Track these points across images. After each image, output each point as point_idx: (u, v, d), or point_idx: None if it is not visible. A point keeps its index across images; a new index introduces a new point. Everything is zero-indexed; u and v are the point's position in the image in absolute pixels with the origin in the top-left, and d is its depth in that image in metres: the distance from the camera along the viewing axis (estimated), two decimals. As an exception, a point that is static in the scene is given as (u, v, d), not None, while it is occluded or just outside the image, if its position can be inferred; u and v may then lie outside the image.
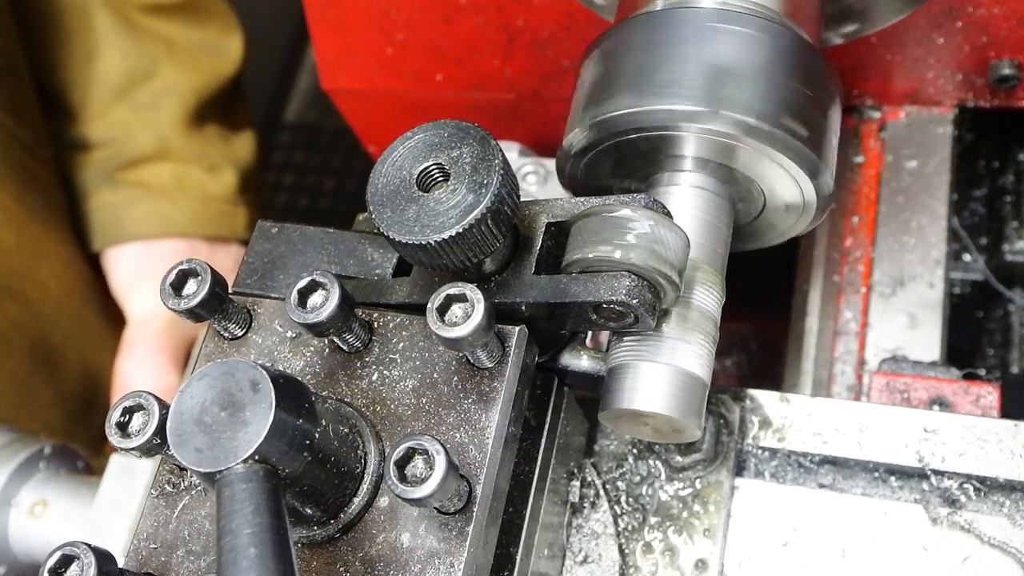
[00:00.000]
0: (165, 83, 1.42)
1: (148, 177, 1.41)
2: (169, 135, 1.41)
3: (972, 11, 0.94)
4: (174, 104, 1.42)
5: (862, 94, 1.07)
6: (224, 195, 1.45)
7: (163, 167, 1.41)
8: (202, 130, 1.46)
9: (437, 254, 0.61)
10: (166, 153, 1.41)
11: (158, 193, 1.40)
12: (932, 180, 1.03)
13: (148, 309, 1.36)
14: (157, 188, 1.40)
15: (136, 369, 1.30)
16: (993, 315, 1.14)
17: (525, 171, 1.08)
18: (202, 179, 1.44)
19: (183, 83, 1.43)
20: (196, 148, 1.44)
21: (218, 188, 1.45)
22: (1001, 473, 0.74)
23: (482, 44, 1.11)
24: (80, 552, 0.57)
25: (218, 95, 1.48)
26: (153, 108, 1.41)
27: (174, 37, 1.44)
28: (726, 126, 0.70)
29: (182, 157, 1.42)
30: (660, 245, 0.64)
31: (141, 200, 1.40)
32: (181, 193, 1.41)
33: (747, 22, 0.72)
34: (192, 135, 1.44)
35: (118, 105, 1.41)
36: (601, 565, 0.77)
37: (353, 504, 0.62)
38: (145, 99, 1.41)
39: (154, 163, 1.41)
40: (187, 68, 1.44)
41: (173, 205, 1.40)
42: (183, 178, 1.42)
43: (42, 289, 1.33)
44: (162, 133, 1.41)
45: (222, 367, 0.55)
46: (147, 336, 1.33)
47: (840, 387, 0.96)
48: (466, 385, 0.64)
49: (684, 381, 0.69)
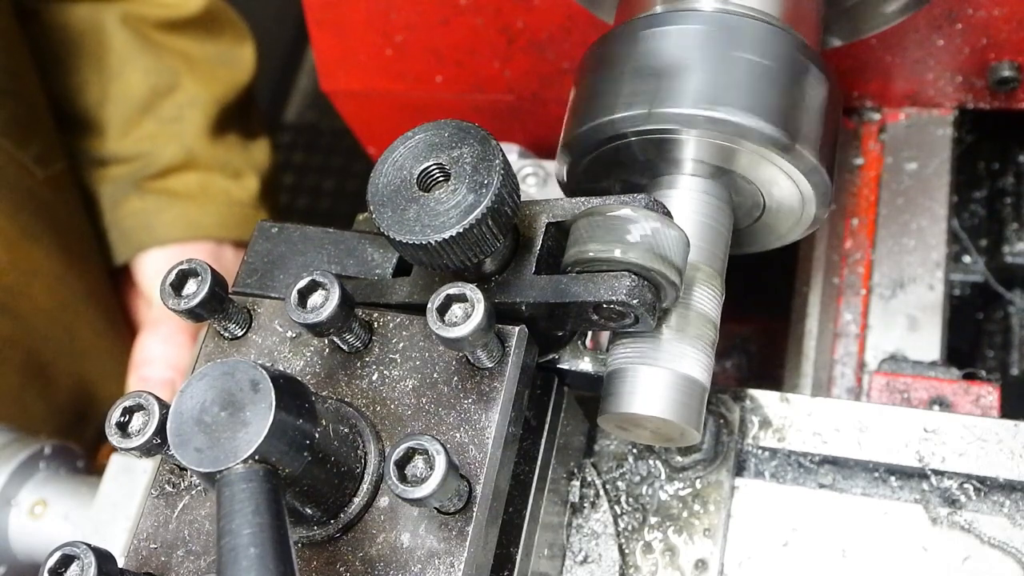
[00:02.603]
0: (187, 96, 1.46)
1: (175, 185, 1.45)
2: (194, 145, 1.45)
3: (972, 13, 0.94)
4: (197, 115, 1.46)
5: (862, 96, 1.07)
6: (248, 200, 1.50)
7: (189, 176, 1.45)
8: (223, 139, 1.50)
9: (437, 254, 0.61)
10: (192, 163, 1.46)
11: (185, 199, 1.44)
12: (932, 182, 1.03)
13: None
14: (184, 195, 1.44)
15: (158, 343, 1.32)
16: (993, 317, 1.14)
17: (525, 173, 1.08)
18: (227, 185, 1.48)
19: (204, 95, 1.47)
20: (220, 156, 1.48)
21: (242, 193, 1.49)
22: (1001, 473, 0.74)
23: (482, 46, 1.11)
24: (80, 552, 0.56)
25: (236, 104, 1.53)
26: (178, 121, 1.45)
27: (191, 51, 1.49)
28: (725, 129, 0.70)
29: (207, 166, 1.47)
30: (660, 245, 0.64)
31: (169, 206, 1.44)
32: (207, 199, 1.45)
33: (746, 25, 0.73)
34: (215, 144, 1.48)
35: (144, 120, 1.45)
36: (601, 565, 0.77)
37: (353, 504, 0.62)
38: (169, 112, 1.45)
39: (181, 173, 1.45)
40: (206, 80, 1.48)
41: (200, 210, 1.44)
42: (208, 185, 1.46)
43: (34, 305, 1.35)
44: (187, 144, 1.45)
45: (222, 367, 0.55)
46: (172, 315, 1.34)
47: (840, 389, 0.96)
48: (466, 385, 0.64)
49: (683, 385, 0.69)
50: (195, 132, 1.46)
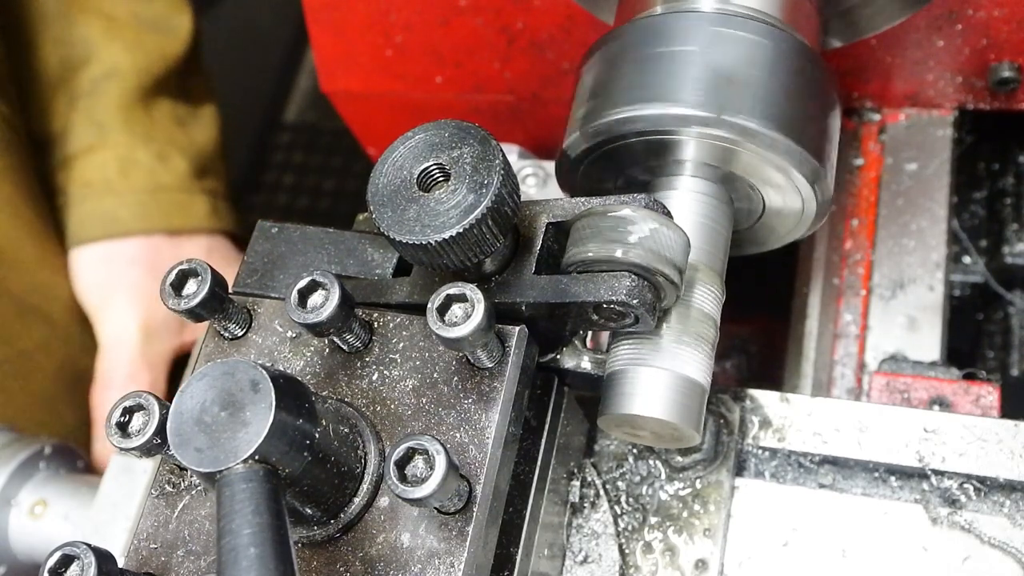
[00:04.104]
0: (103, 67, 1.31)
1: (89, 172, 1.31)
2: (108, 121, 1.31)
3: (972, 14, 0.94)
4: (113, 88, 1.32)
5: (862, 96, 1.07)
6: (175, 183, 1.34)
7: (105, 156, 1.31)
8: (149, 113, 1.35)
9: (437, 254, 0.61)
10: (106, 141, 1.31)
11: (100, 188, 1.30)
12: (932, 182, 1.03)
13: (117, 331, 1.29)
14: (99, 183, 1.31)
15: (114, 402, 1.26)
16: (993, 317, 1.14)
17: (525, 173, 1.08)
18: (151, 166, 1.32)
19: (124, 63, 1.32)
20: (141, 132, 1.33)
21: (168, 176, 1.34)
22: (1001, 473, 0.74)
23: (481, 46, 1.11)
24: (80, 552, 0.56)
25: (166, 75, 1.37)
26: (90, 95, 1.31)
27: (115, 11, 1.34)
28: (726, 130, 0.70)
29: (126, 144, 1.32)
30: (661, 245, 0.64)
31: (82, 200, 1.30)
32: (126, 184, 1.31)
33: (746, 26, 0.73)
34: (135, 119, 1.33)
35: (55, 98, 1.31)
36: (601, 565, 0.77)
37: (353, 504, 0.62)
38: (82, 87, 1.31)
39: (95, 153, 1.31)
40: (129, 47, 1.33)
41: (117, 200, 1.30)
42: (128, 167, 1.31)
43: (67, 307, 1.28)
44: (100, 120, 1.31)
45: (222, 367, 0.55)
46: (120, 364, 1.27)
47: (840, 390, 0.96)
48: (466, 385, 0.64)
49: (683, 386, 0.69)
50: (110, 107, 1.31)
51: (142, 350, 1.29)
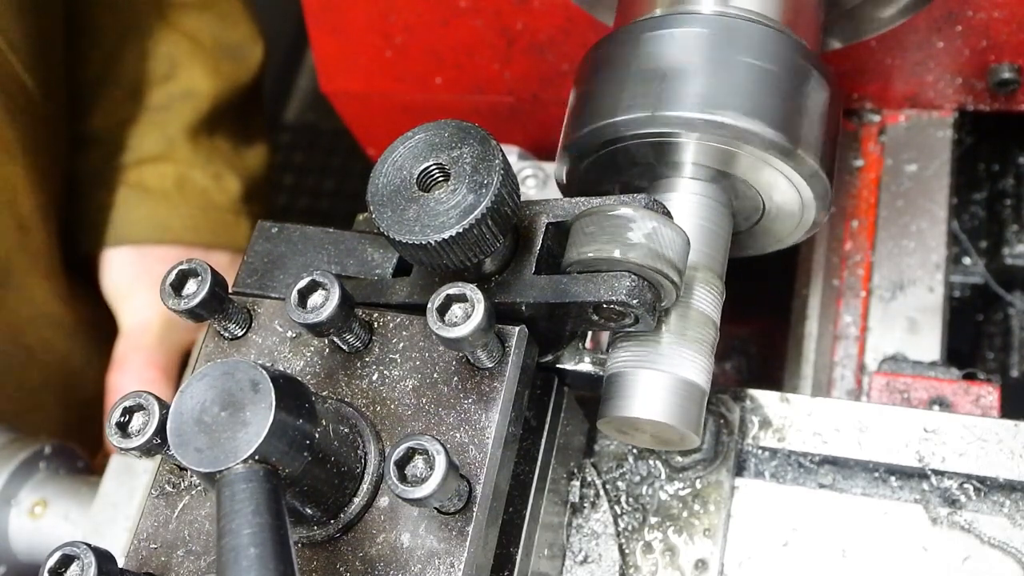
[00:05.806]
0: (181, 86, 1.39)
1: (149, 178, 1.37)
2: (177, 137, 1.38)
3: (972, 15, 0.94)
4: (187, 108, 1.39)
5: (862, 98, 1.08)
6: (227, 204, 1.42)
7: (167, 168, 1.38)
8: (212, 138, 1.43)
9: (437, 254, 0.61)
10: (171, 155, 1.38)
11: (157, 196, 1.37)
12: (932, 184, 1.03)
13: (139, 319, 1.33)
14: (157, 190, 1.37)
15: (129, 384, 1.27)
16: (993, 319, 1.14)
17: (525, 174, 1.08)
18: (206, 185, 1.40)
19: (202, 87, 1.40)
20: (203, 155, 1.41)
21: (221, 196, 1.41)
22: (1001, 473, 0.74)
23: (481, 47, 1.11)
24: (80, 552, 0.56)
25: (233, 103, 1.46)
26: (166, 110, 1.38)
27: (201, 36, 1.40)
28: (726, 133, 0.70)
29: (188, 161, 1.39)
30: (660, 244, 0.64)
31: (139, 203, 1.36)
32: (182, 197, 1.37)
33: (746, 28, 0.73)
34: (200, 142, 1.40)
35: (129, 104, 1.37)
36: (601, 565, 0.77)
37: (353, 504, 0.62)
38: (158, 100, 1.38)
39: (159, 164, 1.38)
40: (208, 72, 1.41)
41: (172, 211, 1.37)
42: (185, 182, 1.38)
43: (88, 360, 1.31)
44: (170, 135, 1.38)
45: (222, 367, 0.55)
46: (138, 349, 1.30)
47: (840, 391, 0.96)
48: (466, 385, 0.64)
49: (683, 389, 0.69)
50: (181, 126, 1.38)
51: (161, 337, 1.31)
